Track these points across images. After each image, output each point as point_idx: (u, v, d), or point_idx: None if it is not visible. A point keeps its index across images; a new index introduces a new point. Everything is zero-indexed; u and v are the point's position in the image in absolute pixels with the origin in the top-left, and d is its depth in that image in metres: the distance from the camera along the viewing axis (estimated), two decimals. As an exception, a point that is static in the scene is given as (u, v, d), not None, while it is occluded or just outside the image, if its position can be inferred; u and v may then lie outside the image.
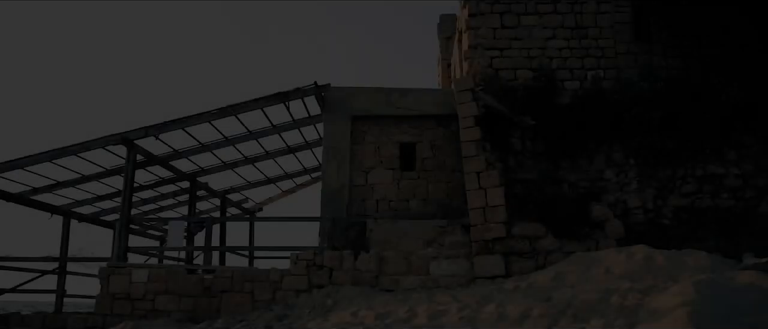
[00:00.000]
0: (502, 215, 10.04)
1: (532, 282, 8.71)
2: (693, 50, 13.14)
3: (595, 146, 11.64)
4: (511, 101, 11.50)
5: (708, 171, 11.14)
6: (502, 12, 13.17)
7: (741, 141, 11.34)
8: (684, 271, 7.51)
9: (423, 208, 11.72)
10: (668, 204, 11.14)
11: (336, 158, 11.91)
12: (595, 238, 10.09)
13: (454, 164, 11.98)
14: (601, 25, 13.16)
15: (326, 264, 10.32)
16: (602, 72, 12.85)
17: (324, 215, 11.33)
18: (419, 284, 10.15)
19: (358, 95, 12.33)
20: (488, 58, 12.89)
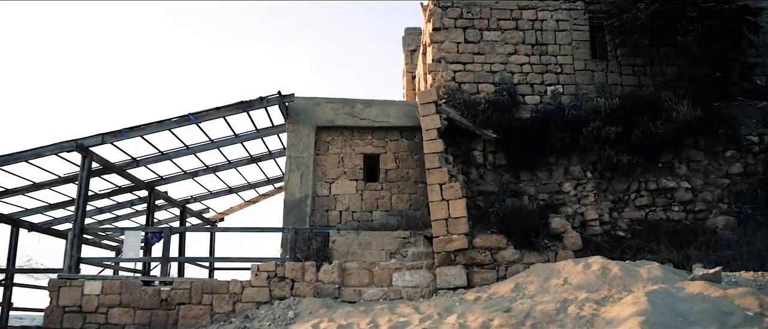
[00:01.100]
0: (464, 226, 10.15)
1: (493, 293, 8.83)
2: (647, 69, 13.69)
3: (554, 160, 11.93)
4: (474, 114, 11.68)
5: (660, 185, 11.56)
6: (465, 27, 13.43)
7: (691, 156, 11.81)
8: (638, 282, 7.74)
9: (386, 219, 11.76)
10: (623, 216, 11.50)
11: (299, 168, 11.84)
12: (554, 249, 10.30)
13: (417, 176, 12.09)
14: (560, 42, 13.57)
15: (288, 275, 10.20)
16: (561, 88, 13.23)
17: (286, 225, 11.22)
18: (382, 295, 10.15)
19: (322, 105, 12.32)
20: (451, 72, 13.10)
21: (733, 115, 11.92)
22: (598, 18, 13.97)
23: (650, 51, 13.66)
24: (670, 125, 11.30)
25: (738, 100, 12.70)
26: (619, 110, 11.66)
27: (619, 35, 13.43)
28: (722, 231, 10.45)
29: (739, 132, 11.69)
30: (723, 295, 6.34)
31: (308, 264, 10.26)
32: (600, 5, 13.93)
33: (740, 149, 11.67)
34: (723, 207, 11.17)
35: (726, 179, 11.54)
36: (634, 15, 12.68)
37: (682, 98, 11.68)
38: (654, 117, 11.52)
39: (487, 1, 13.66)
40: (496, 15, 13.58)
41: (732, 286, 7.13)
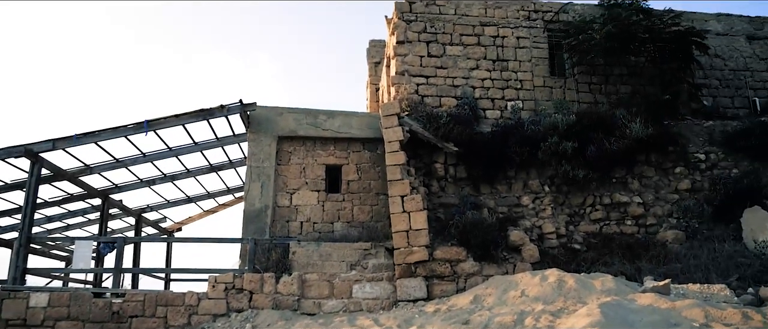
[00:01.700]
0: (425, 238, 10.21)
1: (452, 305, 8.89)
2: (602, 87, 14.17)
3: (513, 174, 12.16)
4: (436, 127, 11.81)
5: (614, 199, 11.93)
6: (428, 41, 13.63)
7: (643, 172, 12.24)
8: (592, 294, 7.94)
9: (348, 231, 11.72)
10: (579, 230, 11.81)
11: (260, 178, 11.70)
12: (512, 261, 10.46)
13: (379, 187, 12.11)
14: (520, 59, 13.92)
15: (246, 287, 10.02)
16: (521, 103, 13.55)
17: (246, 236, 11.04)
18: (342, 307, 10.07)
19: (284, 115, 12.24)
20: (414, 85, 13.24)
21: (682, 133, 12.43)
22: (556, 37, 14.41)
23: (605, 70, 14.15)
24: (623, 142, 11.69)
25: (687, 119, 13.28)
26: (575, 126, 12.01)
27: (576, 54, 13.87)
28: (671, 245, 10.84)
29: (687, 150, 12.19)
30: (671, 307, 6.57)
31: (267, 275, 10.11)
32: (559, 24, 14.38)
33: (688, 166, 12.17)
34: (672, 222, 11.60)
35: (675, 195, 12.00)
36: (589, 35, 13.13)
37: (635, 116, 12.13)
38: (608, 134, 11.90)
39: (450, 17, 13.91)
40: (459, 30, 13.83)
41: (680, 298, 7.41)
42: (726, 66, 15.29)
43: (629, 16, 13.19)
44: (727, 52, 15.39)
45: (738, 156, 12.09)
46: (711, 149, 12.25)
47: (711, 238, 10.72)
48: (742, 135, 12.00)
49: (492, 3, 14.27)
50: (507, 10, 14.27)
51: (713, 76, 15.10)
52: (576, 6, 14.62)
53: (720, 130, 12.54)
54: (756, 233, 10.38)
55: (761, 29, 15.84)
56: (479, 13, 14.12)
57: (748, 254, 9.88)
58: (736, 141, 12.04)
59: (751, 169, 11.76)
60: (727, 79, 15.17)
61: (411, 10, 13.83)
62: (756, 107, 14.68)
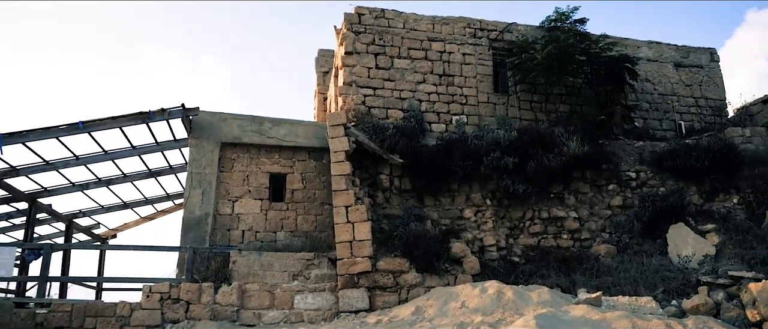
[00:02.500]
0: (369, 249, 10.22)
1: (394, 316, 8.93)
2: (542, 105, 14.72)
3: (457, 187, 12.39)
4: (382, 139, 11.89)
5: (552, 214, 12.36)
6: (377, 53, 13.75)
7: (579, 188, 12.76)
8: (529, 305, 8.18)
9: (291, 240, 11.59)
10: (518, 243, 12.14)
11: (201, 184, 11.40)
12: (454, 273, 10.62)
13: (324, 197, 12.06)
14: (466, 75, 14.27)
15: (183, 297, 9.70)
16: (465, 118, 13.86)
17: (184, 244, 10.70)
18: (282, 318, 9.91)
19: (229, 121, 12.01)
20: (362, 96, 13.31)
21: (615, 152, 13.05)
22: (500, 55, 14.88)
23: (546, 89, 14.71)
24: (561, 159, 12.14)
25: (619, 139, 13.97)
26: (516, 142, 12.39)
27: (519, 72, 14.36)
28: (604, 258, 11.32)
29: (619, 168, 12.81)
30: (602, 318, 6.87)
31: (205, 285, 9.82)
32: (503, 43, 14.86)
33: (620, 184, 12.78)
34: (605, 236, 12.13)
35: (608, 211, 12.57)
36: (532, 55, 13.63)
37: (572, 134, 12.64)
38: (547, 151, 12.34)
39: (399, 30, 14.10)
40: (407, 44, 14.04)
41: (610, 310, 7.75)
42: (655, 90, 16.22)
43: (567, 39, 13.81)
44: (657, 78, 16.35)
45: (665, 175, 12.79)
46: (641, 168, 12.91)
47: (640, 252, 11.27)
48: (668, 156, 12.71)
49: (440, 19, 14.58)
50: (454, 27, 14.61)
51: (644, 100, 15.99)
52: (519, 27, 15.16)
53: (649, 150, 13.25)
54: (680, 248, 11.01)
55: (687, 58, 16.93)
56: (427, 28, 14.39)
57: (673, 268, 10.45)
58: (663, 161, 12.74)
59: (676, 188, 12.48)
60: (656, 103, 16.10)
61: (360, 21, 13.92)
62: (681, 129, 15.65)
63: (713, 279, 9.35)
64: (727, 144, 12.45)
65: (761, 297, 8.14)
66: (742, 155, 12.39)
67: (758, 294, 8.20)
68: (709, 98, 16.65)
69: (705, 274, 9.66)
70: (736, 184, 12.00)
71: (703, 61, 17.05)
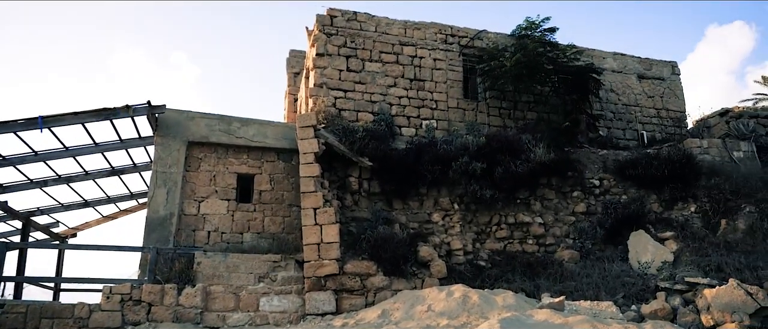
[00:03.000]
0: (336, 252, 10.19)
1: (361, 319, 8.93)
2: (511, 112, 14.96)
3: (425, 191, 12.46)
4: (352, 142, 11.89)
5: (518, 219, 12.55)
6: (348, 56, 13.74)
7: (544, 195, 12.99)
8: (494, 309, 8.29)
9: (258, 242, 11.46)
10: (485, 247, 12.28)
11: (166, 184, 11.18)
12: (421, 277, 10.68)
13: (292, 199, 11.97)
14: (436, 80, 14.39)
15: (145, 298, 9.48)
16: (435, 123, 13.97)
17: (148, 244, 10.47)
18: (248, 321, 9.79)
19: (196, 119, 11.82)
20: (332, 98, 13.28)
21: (579, 160, 13.34)
22: (471, 61, 15.07)
23: (514, 96, 14.96)
24: (528, 165, 12.35)
25: (584, 147, 14.29)
26: (485, 148, 12.54)
27: (489, 79, 14.56)
28: (568, 264, 11.56)
29: (584, 176, 13.10)
30: (564, 322, 7.01)
31: (169, 286, 9.62)
32: (473, 50, 15.05)
33: (584, 191, 13.06)
34: (569, 242, 12.38)
35: (572, 217, 12.83)
36: (501, 63, 13.84)
37: (539, 141, 12.88)
38: (515, 157, 12.52)
39: (371, 34, 14.13)
40: (379, 47, 14.08)
41: (572, 314, 7.91)
42: (619, 101, 16.67)
43: (536, 48, 14.07)
44: (621, 88, 16.81)
45: (627, 183, 13.13)
46: (604, 176, 13.23)
47: (602, 258, 11.55)
48: (630, 165, 13.06)
49: (411, 24, 14.68)
50: (425, 32, 14.73)
51: (608, 110, 16.40)
52: (490, 34, 15.38)
53: (613, 159, 13.59)
54: (640, 254, 11.32)
55: (650, 70, 17.46)
56: (399, 32, 14.46)
57: (633, 273, 10.73)
58: (625, 170, 13.08)
59: (637, 196, 12.83)
60: (620, 113, 16.54)
61: (332, 23, 13.90)
62: (644, 139, 16.11)
63: (671, 284, 9.64)
64: (686, 155, 12.87)
65: (715, 303, 8.43)
66: (700, 166, 12.81)
67: (712, 300, 8.50)
68: (670, 110, 17.19)
69: (663, 280, 9.95)
70: (693, 193, 12.41)
71: (665, 73, 17.60)
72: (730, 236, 11.07)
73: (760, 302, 8.21)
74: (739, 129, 15.21)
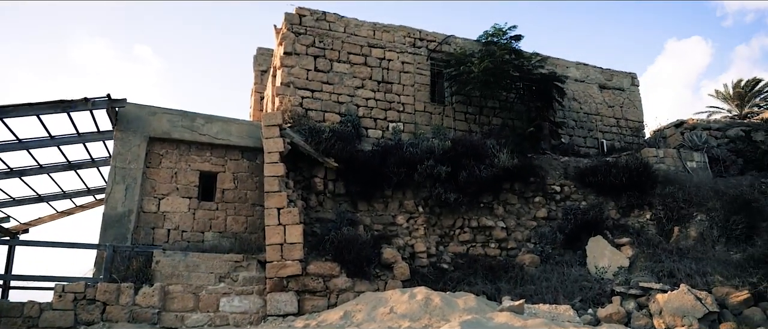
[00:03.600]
0: (300, 252, 10.11)
1: (322, 321, 8.88)
2: (477, 117, 15.15)
3: (390, 193, 12.50)
4: (318, 142, 11.83)
5: (481, 223, 12.71)
6: (316, 56, 13.68)
7: (507, 199, 13.20)
8: (455, 312, 8.37)
9: (219, 241, 11.26)
10: (448, 250, 12.40)
11: (125, 180, 10.88)
12: (384, 278, 10.70)
13: (256, 198, 11.82)
14: (404, 83, 14.46)
15: (99, 297, 9.20)
16: (402, 125, 14.03)
17: (104, 242, 10.16)
18: (207, 321, 9.61)
19: (158, 115, 11.55)
20: (299, 98, 13.19)
21: (542, 166, 13.62)
22: (438, 66, 15.20)
23: (480, 102, 15.16)
24: (492, 170, 12.53)
25: (547, 153, 14.60)
26: (450, 152, 12.66)
27: (456, 84, 14.72)
28: (528, 268, 11.77)
29: (546, 182, 13.37)
30: (523, 325, 7.13)
31: (125, 285, 9.36)
32: (441, 54, 15.19)
33: (546, 197, 13.33)
34: (530, 246, 12.61)
35: (534, 222, 13.08)
36: (468, 68, 14.01)
37: (504, 147, 13.09)
38: (479, 161, 12.69)
39: (339, 34, 14.10)
40: (347, 49, 14.06)
41: (531, 317, 8.06)
42: (581, 109, 17.09)
43: (502, 55, 14.30)
44: (583, 97, 17.24)
45: (587, 190, 13.48)
46: (565, 183, 13.54)
47: (561, 263, 11.80)
48: (590, 172, 13.41)
49: (380, 26, 14.71)
50: (394, 35, 14.79)
51: (570, 118, 16.80)
52: (458, 39, 15.55)
53: (573, 166, 13.92)
54: (597, 259, 11.62)
55: (610, 80, 17.96)
56: (368, 34, 14.47)
57: (591, 278, 11.01)
58: (585, 177, 13.42)
59: (596, 202, 13.18)
60: (582, 121, 16.96)
61: (301, 22, 13.81)
62: (603, 147, 16.57)
63: (626, 289, 9.94)
64: (642, 164, 13.28)
65: (667, 307, 8.73)
66: (656, 175, 13.25)
67: (664, 305, 8.80)
68: (628, 120, 17.73)
69: (619, 285, 10.24)
70: (649, 201, 12.82)
71: (625, 84, 18.14)
72: (682, 243, 11.47)
73: (708, 307, 8.54)
74: (692, 140, 15.80)
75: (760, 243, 10.37)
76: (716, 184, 12.94)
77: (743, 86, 23.31)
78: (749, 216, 11.08)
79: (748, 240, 10.77)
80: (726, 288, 9.26)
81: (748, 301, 8.86)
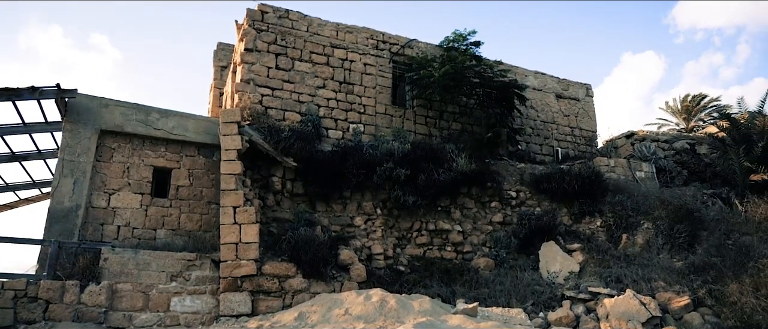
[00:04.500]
0: (255, 252, 9.97)
1: (276, 322, 8.78)
2: (437, 121, 15.30)
3: (349, 194, 12.48)
4: (277, 141, 11.69)
5: (438, 226, 12.84)
6: (278, 53, 13.52)
7: (464, 204, 13.39)
8: (410, 314, 8.42)
9: (172, 239, 10.98)
10: (405, 253, 12.47)
11: (74, 173, 10.48)
12: (340, 280, 10.66)
13: (212, 196, 11.59)
14: (366, 84, 14.46)
15: (42, 295, 8.82)
16: (362, 127, 14.03)
17: (49, 237, 9.75)
18: (157, 321, 9.35)
19: (111, 107, 11.18)
20: (259, 95, 13.01)
21: (499, 172, 13.87)
22: (400, 69, 15.27)
23: (440, 107, 15.32)
24: (450, 174, 12.68)
25: (504, 159, 14.88)
26: (409, 155, 12.75)
27: (417, 88, 14.82)
28: (483, 271, 11.96)
29: (502, 187, 13.63)
30: (476, 328, 7.23)
31: (70, 283, 9.01)
32: (403, 58, 15.27)
33: (502, 202, 13.59)
34: (485, 250, 12.82)
35: (489, 226, 13.30)
36: (429, 72, 14.14)
37: (462, 151, 13.26)
38: (438, 165, 12.83)
39: (302, 33, 13.99)
40: (310, 48, 13.96)
41: (484, 320, 8.19)
42: (538, 117, 17.51)
43: (464, 61, 14.50)
44: (540, 106, 17.66)
45: (541, 196, 13.81)
46: (521, 189, 13.83)
47: (515, 267, 12.05)
48: (545, 179, 13.73)
49: (344, 27, 14.68)
50: (357, 36, 14.78)
51: (528, 125, 17.19)
52: (420, 44, 15.67)
53: (529, 172, 14.24)
54: (550, 264, 11.92)
55: (567, 90, 18.47)
56: (331, 34, 14.42)
57: (543, 282, 11.28)
58: (540, 183, 13.74)
59: (550, 208, 13.52)
60: (538, 129, 17.38)
61: (263, 19, 13.63)
62: (558, 155, 17.01)
63: (576, 294, 10.23)
64: (594, 172, 13.71)
65: (613, 312, 9.04)
66: (607, 183, 13.69)
67: (611, 309, 9.11)
68: (583, 129, 18.27)
69: (569, 289, 10.54)
70: (600, 208, 13.24)
71: (580, 94, 18.69)
72: (629, 249, 11.90)
73: (651, 312, 8.89)
74: (641, 151, 16.42)
75: (701, 252, 10.87)
76: (662, 194, 13.47)
77: (690, 101, 24.41)
78: (691, 225, 11.60)
79: (690, 248, 11.27)
80: (668, 293, 9.66)
81: (688, 307, 9.26)
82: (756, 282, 9.03)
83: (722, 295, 9.25)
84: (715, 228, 11.51)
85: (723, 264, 9.92)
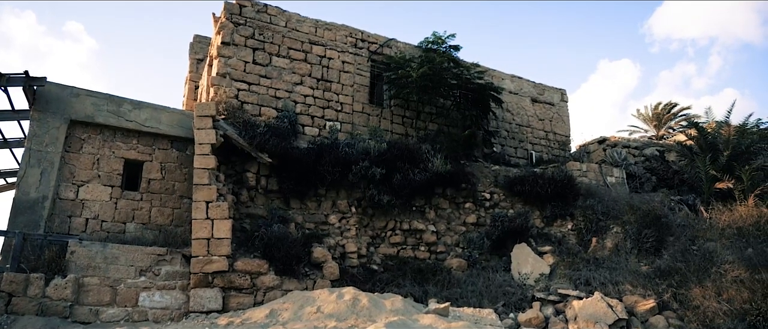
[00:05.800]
0: (227, 248, 9.85)
1: (247, 319, 8.70)
2: (414, 121, 15.35)
3: (324, 192, 12.44)
4: (252, 136, 11.57)
5: (412, 226, 12.89)
6: (255, 48, 13.39)
7: (439, 204, 13.46)
8: (382, 313, 8.43)
9: (142, 233, 10.79)
10: (379, 252, 12.49)
11: (41, 164, 10.22)
12: (313, 278, 10.62)
13: (184, 190, 11.43)
14: (343, 82, 14.42)
15: (4, 288, 8.57)
16: (339, 125, 13.99)
17: (13, 229, 9.48)
18: (124, 316, 9.17)
19: (81, 97, 10.93)
20: (235, 90, 12.87)
21: (474, 173, 13.99)
22: (378, 68, 15.27)
23: (418, 107, 15.37)
24: (425, 175, 12.74)
25: (479, 161, 15.01)
26: (385, 154, 12.75)
27: (395, 87, 14.84)
28: (455, 272, 12.05)
29: (476, 188, 13.74)
30: (447, 327, 7.29)
31: (34, 276, 8.78)
32: (382, 57, 15.27)
33: (476, 203, 13.70)
34: (458, 251, 12.92)
35: (463, 227, 13.41)
36: (407, 72, 14.17)
37: (438, 152, 13.33)
38: (414, 165, 12.86)
39: (280, 29, 13.87)
40: (288, 43, 13.86)
41: (456, 320, 8.25)
42: (514, 120, 17.70)
43: (442, 63, 14.58)
44: (516, 109, 17.86)
45: (515, 199, 13.97)
46: (495, 190, 13.98)
47: (487, 268, 12.17)
48: (519, 181, 13.89)
49: (323, 24, 14.61)
50: (336, 34, 14.73)
51: (503, 128, 17.36)
52: (399, 43, 15.70)
53: (504, 174, 14.39)
54: (521, 266, 12.07)
55: (542, 95, 18.72)
56: (309, 31, 14.33)
57: (514, 284, 11.42)
58: (514, 186, 13.89)
59: (523, 211, 13.68)
60: (514, 132, 17.57)
61: (241, 13, 13.48)
62: (532, 158, 17.23)
63: (545, 295, 10.38)
64: (567, 176, 13.92)
65: (582, 314, 9.20)
66: (579, 187, 13.92)
67: (579, 311, 9.27)
68: (557, 133, 18.54)
69: (539, 291, 10.69)
70: (571, 212, 13.45)
71: (555, 99, 18.95)
72: (598, 253, 12.13)
73: (618, 314, 9.08)
74: (613, 157, 16.75)
75: (667, 256, 11.13)
76: (632, 199, 13.75)
77: (661, 109, 24.96)
78: (659, 230, 11.87)
79: (657, 253, 11.53)
80: (635, 296, 9.87)
81: (653, 310, 9.48)
82: (718, 287, 9.29)
83: (686, 299, 9.49)
84: (681, 234, 11.80)
85: (687, 268, 10.18)
